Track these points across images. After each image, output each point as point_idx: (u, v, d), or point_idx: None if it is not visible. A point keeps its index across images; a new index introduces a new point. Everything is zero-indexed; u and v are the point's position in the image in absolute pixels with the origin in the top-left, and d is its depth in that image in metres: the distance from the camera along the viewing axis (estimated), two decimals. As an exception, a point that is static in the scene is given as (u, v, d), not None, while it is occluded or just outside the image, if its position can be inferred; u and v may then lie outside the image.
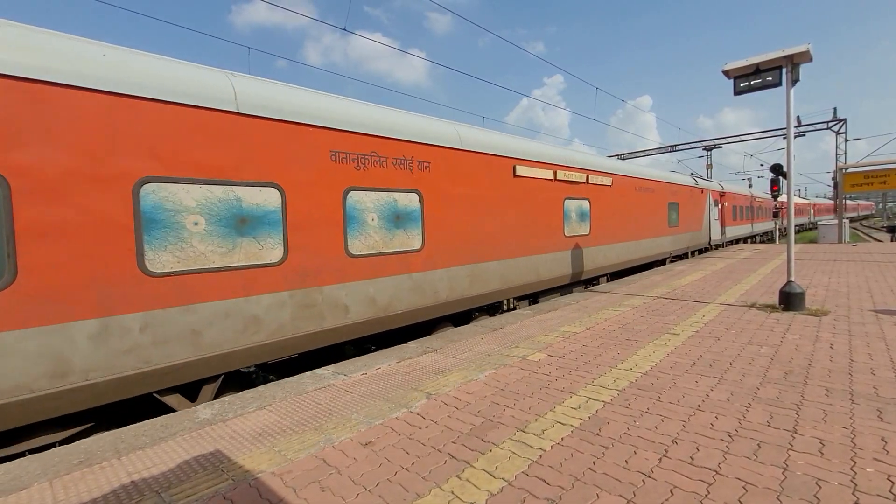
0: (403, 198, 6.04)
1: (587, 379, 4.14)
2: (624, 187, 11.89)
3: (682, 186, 16.44)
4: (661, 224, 14.45)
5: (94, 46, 3.78)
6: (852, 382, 3.77)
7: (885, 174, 19.06)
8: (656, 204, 14.06)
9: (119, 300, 3.75)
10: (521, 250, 8.20)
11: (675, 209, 15.60)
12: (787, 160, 6.96)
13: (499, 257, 7.67)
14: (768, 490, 2.35)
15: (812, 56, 6.23)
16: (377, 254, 5.74)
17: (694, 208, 17.44)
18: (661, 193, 14.40)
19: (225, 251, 4.37)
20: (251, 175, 4.54)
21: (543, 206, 8.76)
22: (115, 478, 2.77)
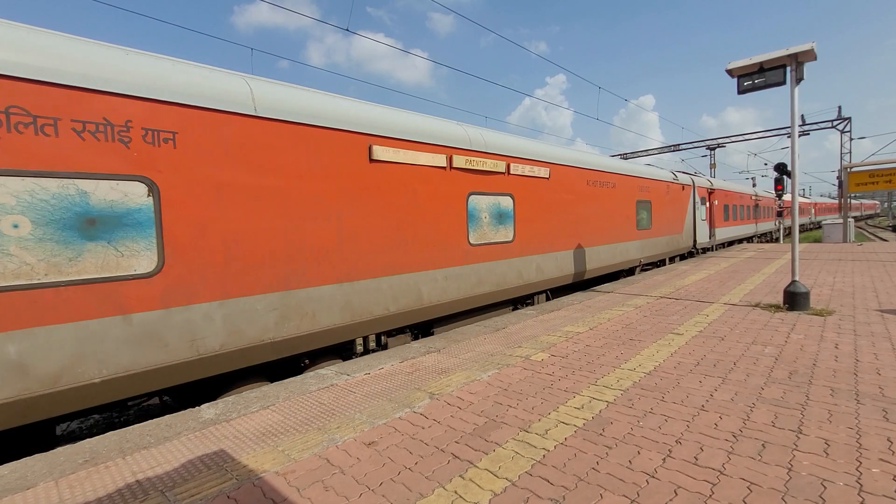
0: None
1: (590, 379, 4.13)
2: (569, 180, 9.55)
3: (656, 181, 13.82)
4: (625, 226, 11.97)
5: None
6: (858, 382, 3.75)
7: (891, 173, 18.94)
8: (619, 202, 11.63)
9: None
10: (387, 266, 5.77)
11: (646, 208, 13.04)
12: (792, 159, 6.93)
13: (336, 279, 5.24)
14: (773, 490, 2.34)
15: (816, 54, 6.19)
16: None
17: (672, 207, 14.91)
18: (625, 189, 11.94)
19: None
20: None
21: (428, 203, 6.40)
22: (120, 477, 2.78)
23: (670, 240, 14.93)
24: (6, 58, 3.24)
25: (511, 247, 7.94)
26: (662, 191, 14.20)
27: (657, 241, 13.86)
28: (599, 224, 10.74)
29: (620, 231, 11.76)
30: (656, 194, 13.75)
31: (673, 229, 15.03)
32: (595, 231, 10.58)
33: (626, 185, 12.00)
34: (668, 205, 14.60)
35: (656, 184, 13.81)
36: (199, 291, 4.16)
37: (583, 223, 10.09)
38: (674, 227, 15.11)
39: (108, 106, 3.65)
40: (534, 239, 8.47)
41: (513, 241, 7.92)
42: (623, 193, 11.88)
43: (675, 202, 15.22)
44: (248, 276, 4.50)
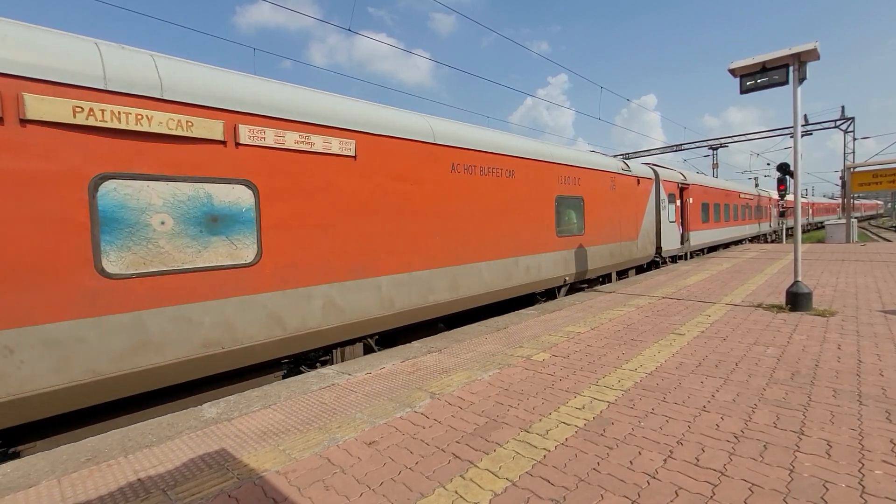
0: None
1: (592, 379, 4.13)
2: (407, 163, 6.14)
3: (592, 172, 10.32)
4: (536, 233, 8.59)
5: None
6: (860, 383, 3.73)
7: (894, 173, 18.85)
8: (523, 198, 8.25)
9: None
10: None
11: (575, 208, 9.77)
12: (795, 159, 6.91)
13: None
14: (775, 492, 2.33)
15: (819, 54, 6.17)
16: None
17: (622, 206, 11.58)
18: (535, 181, 8.55)
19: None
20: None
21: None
22: (122, 476, 2.79)
23: (618, 248, 11.30)
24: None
25: (294, 271, 4.89)
26: (603, 185, 10.67)
27: (595, 250, 10.24)
28: (480, 229, 7.26)
29: (525, 239, 8.23)
30: (592, 189, 10.15)
31: (622, 234, 11.50)
32: (468, 240, 7.04)
33: (536, 176, 8.51)
34: (613, 203, 11.10)
35: (593, 175, 10.14)
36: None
37: (443, 229, 6.62)
38: (624, 231, 11.56)
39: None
40: (303, 261, 4.99)
41: (254, 265, 4.58)
42: (531, 186, 8.39)
43: (627, 200, 11.82)
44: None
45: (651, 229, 13.31)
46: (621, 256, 11.63)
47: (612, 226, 11.11)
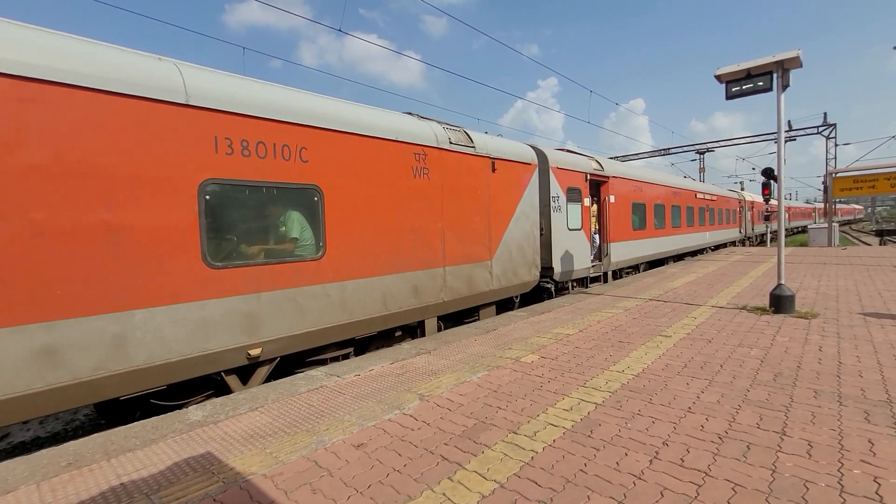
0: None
1: (580, 381, 4.16)
2: None
3: (359, 142, 5.72)
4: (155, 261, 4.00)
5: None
6: (840, 385, 3.81)
7: (874, 178, 19.35)
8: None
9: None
10: None
11: (295, 209, 5.15)
12: (778, 164, 7.04)
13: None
14: (757, 491, 2.37)
15: (802, 62, 6.31)
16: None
17: (450, 205, 7.00)
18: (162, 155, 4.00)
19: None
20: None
21: None
22: (104, 480, 2.74)
23: (434, 279, 6.74)
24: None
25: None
26: (387, 167, 6.06)
27: (355, 289, 5.66)
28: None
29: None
30: (349, 172, 5.60)
31: (451, 253, 7.02)
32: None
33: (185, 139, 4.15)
34: (420, 199, 6.52)
35: (350, 146, 5.60)
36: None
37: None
38: (456, 247, 7.08)
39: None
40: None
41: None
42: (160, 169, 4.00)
43: (463, 194, 7.22)
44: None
45: (528, 242, 8.58)
46: (448, 290, 6.85)
47: (414, 239, 6.37)
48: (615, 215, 11.82)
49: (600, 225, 11.60)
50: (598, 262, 11.40)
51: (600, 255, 11.52)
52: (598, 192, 11.52)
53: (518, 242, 8.37)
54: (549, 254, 9.31)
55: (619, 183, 12.11)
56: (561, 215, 9.66)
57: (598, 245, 11.53)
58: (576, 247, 10.21)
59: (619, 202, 12.07)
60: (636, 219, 13.18)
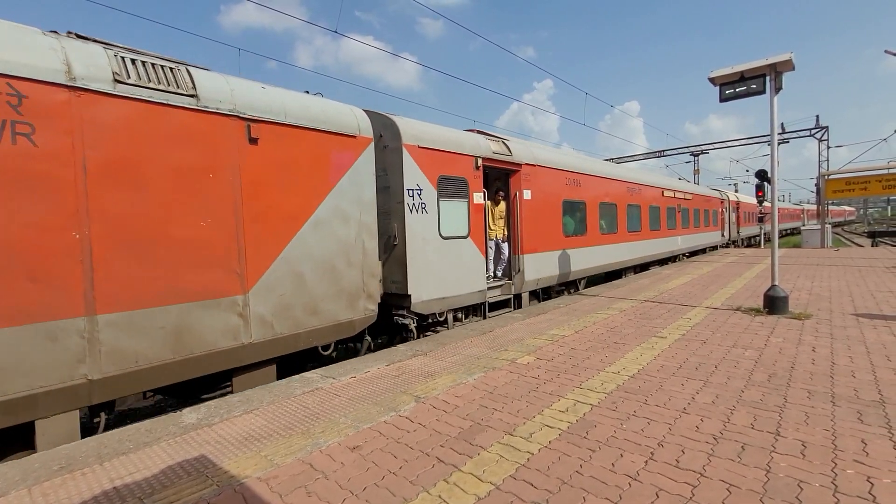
0: None
1: (575, 382, 4.16)
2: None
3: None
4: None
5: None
6: (834, 385, 3.84)
7: (866, 181, 19.52)
8: None
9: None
10: None
11: None
12: (772, 166, 7.10)
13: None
14: (751, 492, 2.38)
15: (795, 65, 6.36)
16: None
17: (155, 211, 4.03)
18: None
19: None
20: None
21: None
22: (96, 484, 2.71)
23: (37, 343, 3.39)
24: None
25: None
26: None
27: None
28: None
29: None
30: None
31: (94, 291, 3.67)
32: None
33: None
34: (26, 190, 3.37)
35: None
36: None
37: None
38: (143, 278, 3.96)
39: None
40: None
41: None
42: None
43: (180, 183, 4.24)
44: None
45: (349, 259, 5.67)
46: (107, 359, 3.76)
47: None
48: (534, 217, 8.85)
49: (510, 230, 8.63)
50: (508, 280, 8.55)
51: (510, 272, 8.63)
52: (508, 186, 8.63)
53: (321, 260, 5.28)
54: (404, 274, 6.31)
55: (540, 174, 9.07)
56: (427, 218, 6.64)
57: (507, 258, 8.68)
58: (457, 262, 7.13)
59: (541, 200, 9.09)
60: (571, 222, 10.25)
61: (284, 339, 4.96)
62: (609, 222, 11.96)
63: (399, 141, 6.39)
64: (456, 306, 7.21)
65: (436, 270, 6.77)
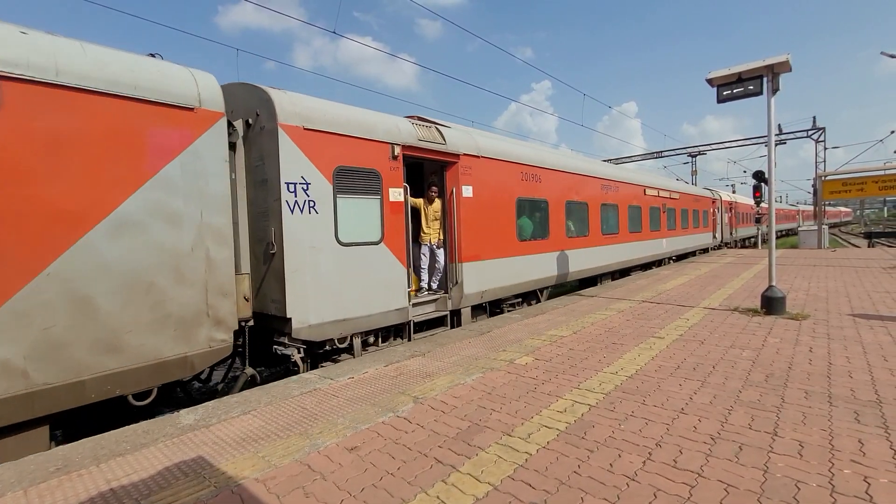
0: None
1: (573, 383, 4.17)
2: None
3: None
4: None
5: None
6: (831, 385, 3.85)
7: (863, 182, 19.62)
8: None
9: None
10: None
11: None
12: (769, 167, 7.12)
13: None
14: (749, 492, 2.38)
15: (791, 66, 6.39)
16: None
17: None
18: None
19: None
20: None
21: None
22: (93, 485, 2.70)
23: None
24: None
25: None
26: None
27: None
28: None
29: None
30: None
31: None
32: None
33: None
34: None
35: None
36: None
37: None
38: None
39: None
40: None
41: None
42: None
43: None
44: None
45: (181, 273, 4.26)
46: None
47: None
48: (477, 218, 7.50)
49: (445, 234, 7.28)
50: (445, 293, 7.16)
51: (446, 284, 7.23)
52: (442, 179, 7.30)
53: (129, 277, 3.93)
54: (281, 291, 5.02)
55: (486, 168, 7.73)
56: (317, 219, 5.33)
57: (444, 267, 7.29)
58: (364, 275, 5.77)
59: (486, 198, 7.73)
60: (529, 224, 8.91)
61: (53, 392, 3.50)
62: (579, 224, 10.65)
63: (274, 120, 5.01)
64: (363, 329, 5.77)
65: (331, 286, 5.39)
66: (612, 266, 12.29)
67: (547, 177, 9.45)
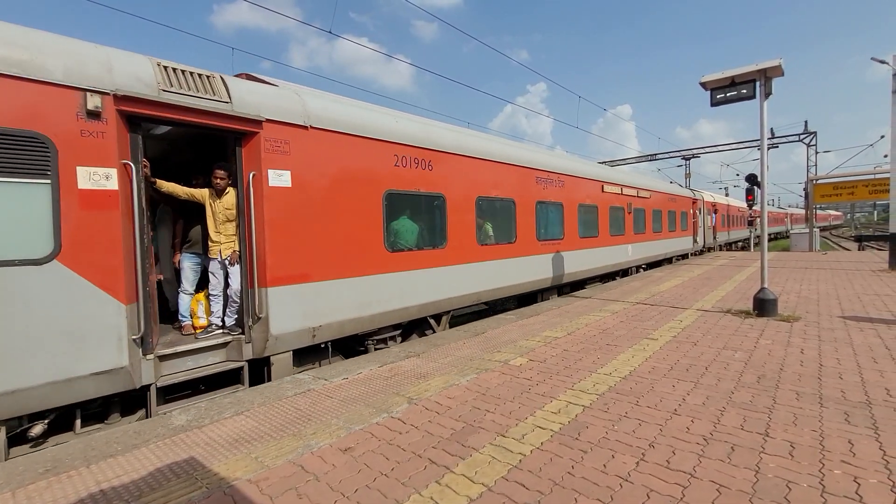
0: None
1: (568, 383, 4.18)
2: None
3: None
4: None
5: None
6: (821, 386, 3.89)
7: (853, 185, 19.84)
8: None
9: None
10: None
11: None
12: (762, 170, 7.19)
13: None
14: (741, 492, 2.40)
15: (784, 70, 6.45)
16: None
17: None
18: None
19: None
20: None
21: None
22: (83, 487, 2.67)
23: None
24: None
25: None
26: None
27: None
28: None
29: None
30: None
31: None
32: None
33: None
34: None
35: None
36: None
37: None
38: None
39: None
40: None
41: None
42: None
43: None
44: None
45: None
46: None
47: None
48: (304, 219, 5.25)
49: (247, 244, 4.92)
50: (240, 334, 4.89)
51: (241, 320, 4.96)
52: (238, 162, 4.90)
53: None
54: None
55: (323, 145, 5.46)
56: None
57: (241, 294, 4.99)
58: (10, 319, 3.41)
59: (325, 190, 5.46)
60: (408, 228, 6.59)
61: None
62: (500, 228, 8.34)
63: None
64: (10, 416, 3.44)
65: None
66: (556, 280, 10.03)
67: (444, 164, 7.06)
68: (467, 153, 7.63)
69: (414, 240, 6.69)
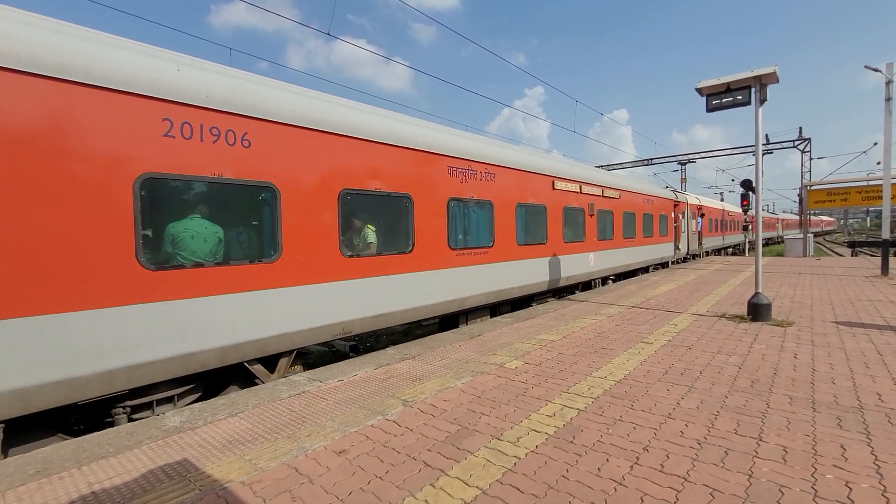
0: None
1: (563, 387, 4.18)
2: None
3: None
4: None
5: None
6: (814, 391, 3.91)
7: (847, 192, 20.01)
8: None
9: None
10: None
11: None
12: (756, 176, 7.25)
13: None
14: (734, 497, 2.41)
15: (779, 77, 6.52)
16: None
17: None
18: None
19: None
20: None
21: None
22: (74, 489, 2.65)
23: None
24: None
25: None
26: None
27: None
28: None
29: None
30: None
31: None
32: None
33: None
34: None
35: None
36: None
37: None
38: None
39: None
40: None
41: None
42: None
43: None
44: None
45: None
46: None
47: None
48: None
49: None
50: None
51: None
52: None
53: None
54: None
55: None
56: None
57: None
58: None
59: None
60: (203, 234, 4.27)
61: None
62: (394, 233, 6.40)
63: None
64: None
65: None
66: (482, 298, 7.85)
67: (278, 139, 4.83)
68: (330, 129, 5.35)
69: (248, 247, 4.75)
